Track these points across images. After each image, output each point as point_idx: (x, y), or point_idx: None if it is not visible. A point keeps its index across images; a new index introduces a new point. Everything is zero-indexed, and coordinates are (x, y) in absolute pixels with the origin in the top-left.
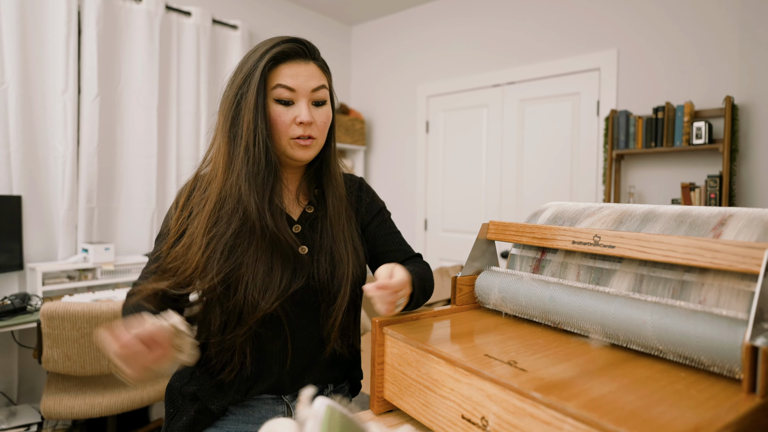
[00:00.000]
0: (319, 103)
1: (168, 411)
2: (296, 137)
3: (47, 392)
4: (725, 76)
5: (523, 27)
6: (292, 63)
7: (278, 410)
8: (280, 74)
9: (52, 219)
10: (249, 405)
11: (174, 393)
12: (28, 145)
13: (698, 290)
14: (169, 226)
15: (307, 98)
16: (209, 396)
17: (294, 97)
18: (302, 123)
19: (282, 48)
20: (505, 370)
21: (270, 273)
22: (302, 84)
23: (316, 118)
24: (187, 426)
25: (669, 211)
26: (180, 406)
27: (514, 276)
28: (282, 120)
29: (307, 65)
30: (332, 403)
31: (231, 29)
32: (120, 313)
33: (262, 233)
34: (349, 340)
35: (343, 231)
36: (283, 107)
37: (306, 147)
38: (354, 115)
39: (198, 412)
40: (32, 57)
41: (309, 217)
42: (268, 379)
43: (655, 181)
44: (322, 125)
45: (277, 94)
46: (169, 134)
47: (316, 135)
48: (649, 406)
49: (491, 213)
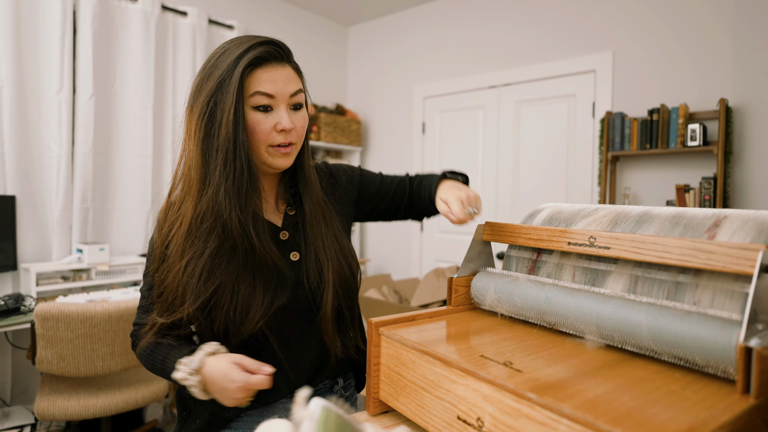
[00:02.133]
0: (297, 106)
1: (180, 414)
2: (276, 145)
3: (41, 393)
4: (720, 78)
5: (519, 29)
6: (269, 67)
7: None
8: (258, 80)
9: (46, 219)
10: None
11: (185, 396)
12: (22, 145)
13: (693, 291)
14: (154, 255)
15: (286, 103)
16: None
17: (273, 103)
18: (283, 130)
19: (258, 52)
20: (500, 371)
21: (253, 290)
22: (281, 89)
23: (295, 122)
24: (201, 429)
25: (664, 213)
26: (193, 409)
27: (510, 277)
28: (261, 128)
29: (284, 69)
30: (328, 404)
31: (227, 29)
32: (114, 315)
33: (246, 251)
34: (351, 341)
35: (323, 235)
36: (262, 114)
37: (286, 155)
38: (350, 116)
39: (212, 415)
40: (27, 56)
41: (293, 221)
42: (277, 390)
43: (650, 182)
44: (301, 129)
45: (255, 101)
46: (165, 134)
47: (295, 140)
48: (644, 406)
49: (487, 214)
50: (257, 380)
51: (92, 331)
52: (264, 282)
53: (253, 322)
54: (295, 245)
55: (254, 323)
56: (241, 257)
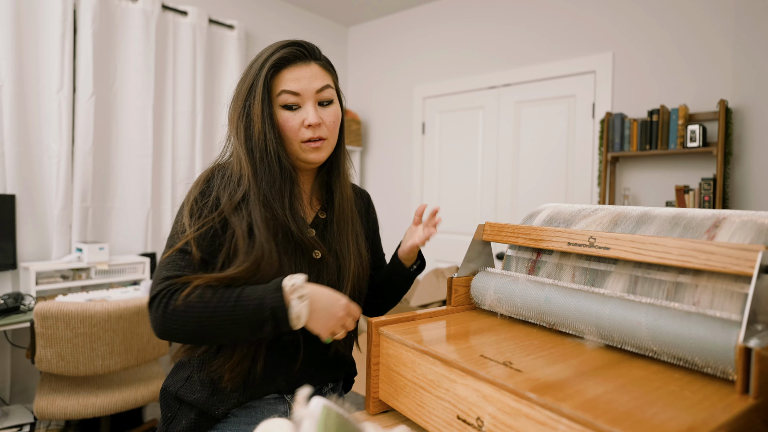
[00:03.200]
0: (326, 102)
1: (165, 415)
2: (306, 140)
3: (40, 392)
4: (719, 79)
5: (519, 30)
6: (293, 67)
7: (280, 410)
8: (283, 80)
9: (46, 218)
10: (251, 406)
11: (169, 397)
12: (22, 144)
13: (692, 292)
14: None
15: (312, 100)
16: (210, 403)
17: (299, 100)
18: (311, 125)
19: (281, 54)
20: (500, 371)
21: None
22: (306, 86)
23: (324, 118)
24: (186, 430)
25: (663, 214)
26: (177, 410)
27: (510, 277)
28: (290, 125)
29: (309, 66)
30: (328, 403)
31: (227, 29)
32: (114, 315)
33: (287, 238)
34: (351, 340)
35: (348, 231)
36: (290, 112)
37: (318, 149)
38: (350, 116)
39: (198, 416)
40: (27, 55)
41: (321, 222)
42: (275, 381)
43: (650, 183)
44: (332, 125)
45: (282, 100)
46: (165, 134)
47: (326, 135)
48: (643, 406)
49: (487, 214)
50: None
51: (92, 331)
52: (306, 269)
53: None
54: (317, 244)
55: None
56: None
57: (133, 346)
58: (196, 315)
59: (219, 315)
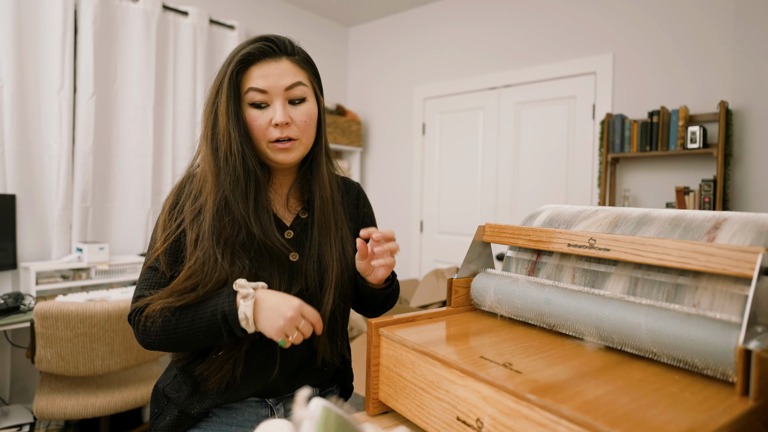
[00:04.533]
0: (297, 101)
1: (153, 411)
2: (274, 140)
3: (40, 392)
4: (720, 80)
5: (519, 31)
6: (262, 63)
7: (262, 413)
8: (250, 77)
9: (46, 218)
10: (232, 407)
11: (159, 394)
12: (22, 144)
13: (692, 293)
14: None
15: (282, 98)
16: (188, 402)
17: (267, 99)
18: (278, 125)
19: (248, 50)
20: (500, 372)
21: (270, 279)
22: (274, 84)
23: (294, 117)
24: (169, 426)
25: (664, 215)
26: (164, 406)
27: (510, 278)
28: (258, 124)
29: (278, 63)
30: (328, 404)
31: (228, 29)
32: (114, 315)
33: (251, 241)
34: (338, 349)
35: (331, 236)
36: (258, 111)
37: (287, 150)
38: (350, 117)
39: (181, 413)
40: (28, 55)
41: (302, 223)
42: (254, 386)
43: (650, 184)
44: (302, 124)
45: (249, 97)
46: (165, 134)
47: (296, 135)
48: (643, 408)
49: (487, 215)
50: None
51: (92, 331)
52: (278, 273)
53: None
54: (297, 246)
55: None
56: (255, 247)
57: (132, 346)
58: (164, 332)
59: (181, 330)
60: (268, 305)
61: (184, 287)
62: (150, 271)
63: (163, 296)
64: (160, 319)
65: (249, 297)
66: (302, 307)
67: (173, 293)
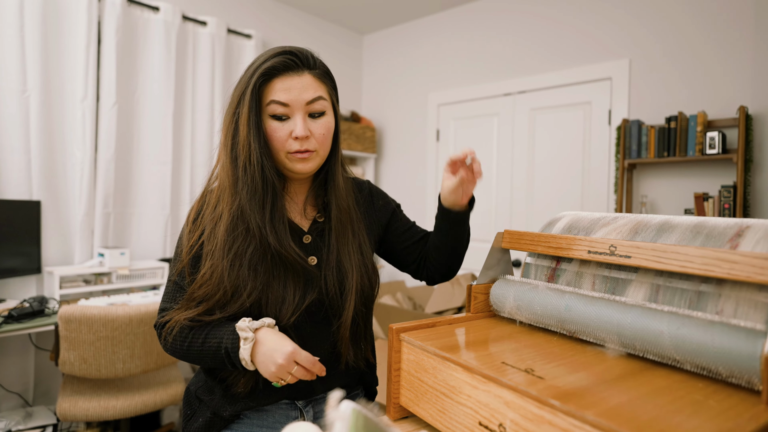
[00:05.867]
0: (317, 114)
1: (185, 413)
2: (293, 152)
3: (63, 394)
4: (739, 85)
5: (534, 37)
6: (284, 77)
7: (291, 415)
8: (273, 89)
9: (69, 224)
10: (263, 409)
11: (191, 396)
12: (47, 151)
13: (715, 301)
14: (182, 246)
15: (302, 111)
16: (220, 404)
17: (288, 111)
18: (298, 138)
19: (273, 62)
20: (522, 378)
21: (284, 288)
22: (296, 98)
23: (313, 130)
24: (202, 428)
25: (685, 222)
26: (197, 408)
27: (530, 285)
28: (278, 136)
29: (301, 77)
30: (358, 407)
31: (245, 38)
32: (135, 319)
33: (265, 251)
34: (362, 353)
35: (349, 243)
36: (279, 122)
37: (304, 160)
38: (365, 123)
39: (213, 415)
40: (53, 65)
41: (319, 227)
42: (282, 389)
43: (668, 191)
44: (321, 137)
45: (271, 109)
46: (184, 141)
47: (314, 148)
48: (667, 415)
49: (502, 222)
50: (306, 360)
51: (113, 334)
52: (293, 280)
53: (286, 317)
54: (315, 250)
55: (287, 318)
56: (269, 257)
57: (152, 350)
58: (179, 349)
59: (193, 351)
60: (263, 350)
61: (197, 296)
62: (173, 286)
63: (181, 308)
64: (179, 337)
65: (248, 340)
66: (295, 354)
67: (189, 303)
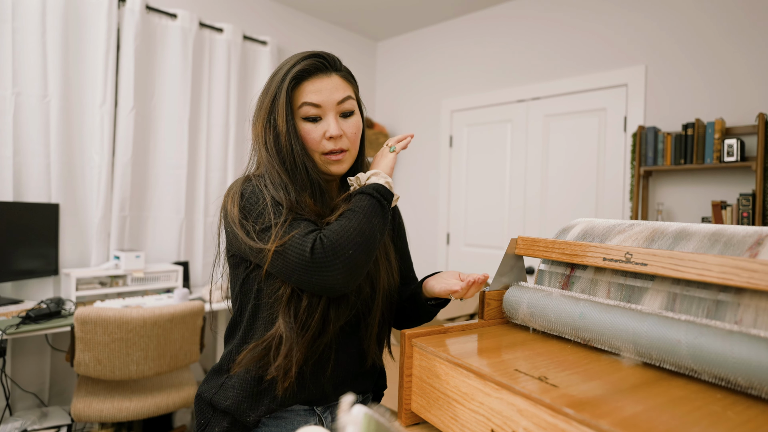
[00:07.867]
0: (347, 114)
1: (199, 422)
2: (327, 152)
3: (77, 395)
4: (758, 92)
5: (548, 43)
6: (314, 79)
7: (310, 421)
8: (304, 92)
9: (86, 226)
10: (282, 416)
11: (203, 403)
12: (67, 155)
13: (734, 310)
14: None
15: (334, 111)
16: (243, 409)
17: (321, 112)
18: (332, 137)
19: (303, 66)
20: (535, 386)
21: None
22: (327, 98)
23: (345, 129)
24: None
25: (703, 230)
26: (211, 417)
27: (543, 292)
28: (312, 137)
29: (330, 78)
30: (370, 411)
31: (260, 45)
32: (149, 321)
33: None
34: (380, 354)
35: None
36: (312, 124)
37: (339, 161)
38: (378, 129)
39: (231, 424)
40: (73, 72)
41: None
42: (306, 390)
43: (685, 198)
44: (353, 136)
45: (303, 112)
46: (199, 146)
47: (347, 147)
48: (684, 426)
49: (515, 228)
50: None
51: (128, 336)
52: None
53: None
54: None
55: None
56: None
57: (166, 352)
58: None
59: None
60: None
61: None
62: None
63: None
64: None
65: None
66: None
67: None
